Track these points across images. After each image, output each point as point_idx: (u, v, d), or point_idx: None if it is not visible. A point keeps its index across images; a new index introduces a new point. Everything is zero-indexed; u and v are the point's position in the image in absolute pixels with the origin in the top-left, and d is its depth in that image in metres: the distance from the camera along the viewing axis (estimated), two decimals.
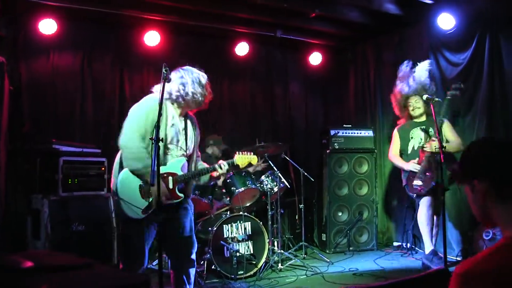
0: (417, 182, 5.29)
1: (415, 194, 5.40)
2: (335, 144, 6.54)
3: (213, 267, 4.94)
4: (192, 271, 3.55)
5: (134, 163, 3.25)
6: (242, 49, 6.83)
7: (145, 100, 3.41)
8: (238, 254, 4.96)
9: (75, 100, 5.88)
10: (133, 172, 3.28)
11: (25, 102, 5.48)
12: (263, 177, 5.66)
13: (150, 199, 3.19)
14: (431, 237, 5.30)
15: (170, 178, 3.36)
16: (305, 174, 6.07)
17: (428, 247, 5.29)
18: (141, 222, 3.30)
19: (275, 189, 5.59)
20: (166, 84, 3.16)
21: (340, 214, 6.51)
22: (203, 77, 3.54)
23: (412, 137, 5.62)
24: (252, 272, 5.08)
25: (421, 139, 5.54)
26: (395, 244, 6.68)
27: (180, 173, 3.42)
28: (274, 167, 5.64)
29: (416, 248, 6.25)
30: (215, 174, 3.63)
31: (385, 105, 6.99)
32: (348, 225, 6.43)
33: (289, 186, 5.87)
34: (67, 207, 4.85)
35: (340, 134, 6.53)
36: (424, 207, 5.30)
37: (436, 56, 6.09)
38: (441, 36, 5.98)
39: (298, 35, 7.01)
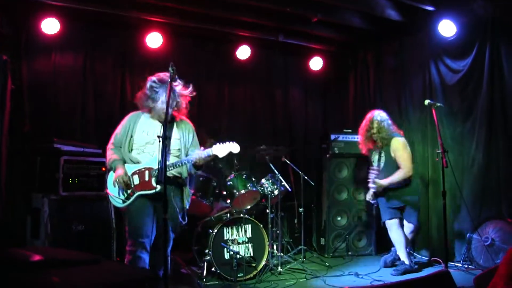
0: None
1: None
2: (335, 148, 6.54)
3: (213, 269, 4.93)
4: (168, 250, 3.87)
5: None
6: (243, 52, 6.85)
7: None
8: (238, 256, 4.96)
9: (76, 100, 5.87)
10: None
11: (26, 101, 5.46)
12: (263, 180, 5.66)
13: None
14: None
15: (146, 172, 3.86)
16: (305, 178, 6.07)
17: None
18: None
19: (276, 192, 5.59)
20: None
21: (339, 218, 6.50)
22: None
23: None
24: (252, 275, 5.07)
25: None
26: (393, 249, 6.66)
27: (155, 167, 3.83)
28: (275, 170, 5.64)
29: (414, 253, 6.25)
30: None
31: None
32: (347, 229, 6.44)
33: (289, 190, 5.87)
34: (67, 207, 4.83)
35: (340, 138, 6.54)
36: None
37: (437, 63, 6.12)
38: (442, 42, 6.01)
39: (299, 40, 7.04)
